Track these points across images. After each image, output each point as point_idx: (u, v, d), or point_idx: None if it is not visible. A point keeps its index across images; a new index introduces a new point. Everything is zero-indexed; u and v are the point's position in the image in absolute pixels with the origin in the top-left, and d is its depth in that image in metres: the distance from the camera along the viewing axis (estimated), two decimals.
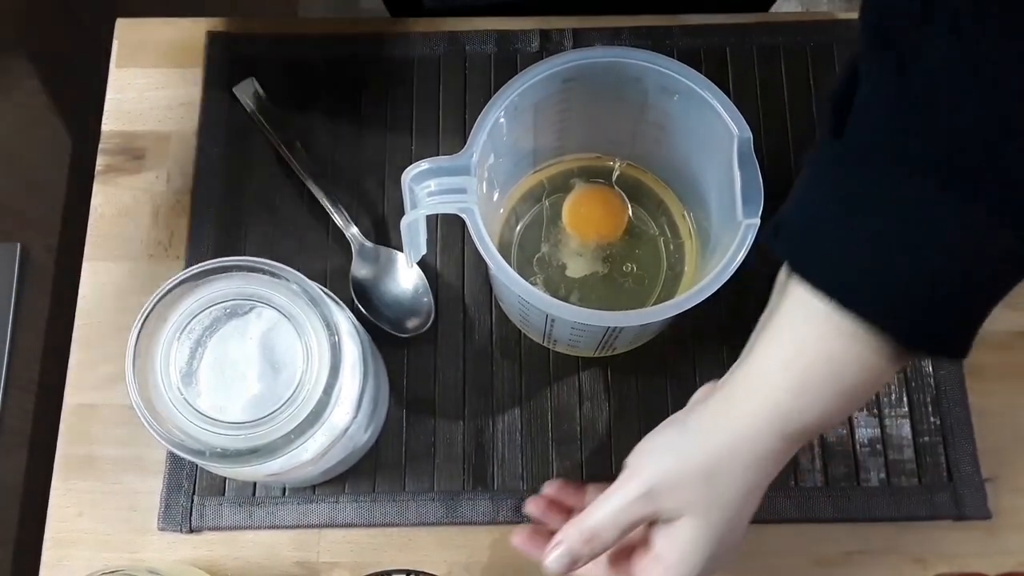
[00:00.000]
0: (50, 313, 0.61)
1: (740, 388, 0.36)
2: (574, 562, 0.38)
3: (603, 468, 0.50)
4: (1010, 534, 0.49)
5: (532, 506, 0.43)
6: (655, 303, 0.51)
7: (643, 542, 0.39)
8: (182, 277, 0.41)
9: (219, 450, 0.39)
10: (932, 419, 0.51)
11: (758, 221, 0.40)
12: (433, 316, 0.52)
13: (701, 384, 0.51)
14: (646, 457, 0.38)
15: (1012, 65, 0.29)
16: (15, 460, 0.58)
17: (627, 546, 0.39)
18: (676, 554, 0.37)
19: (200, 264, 0.41)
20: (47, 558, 0.50)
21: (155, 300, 0.40)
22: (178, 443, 0.39)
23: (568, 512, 0.42)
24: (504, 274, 0.40)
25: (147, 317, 0.40)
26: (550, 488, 0.44)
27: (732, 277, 0.40)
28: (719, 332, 0.52)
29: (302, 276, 0.41)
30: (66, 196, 0.64)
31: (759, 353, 0.36)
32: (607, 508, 0.37)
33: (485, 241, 0.40)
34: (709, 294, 0.40)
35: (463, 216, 0.41)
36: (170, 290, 0.40)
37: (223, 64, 0.57)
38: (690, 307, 0.40)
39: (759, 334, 0.37)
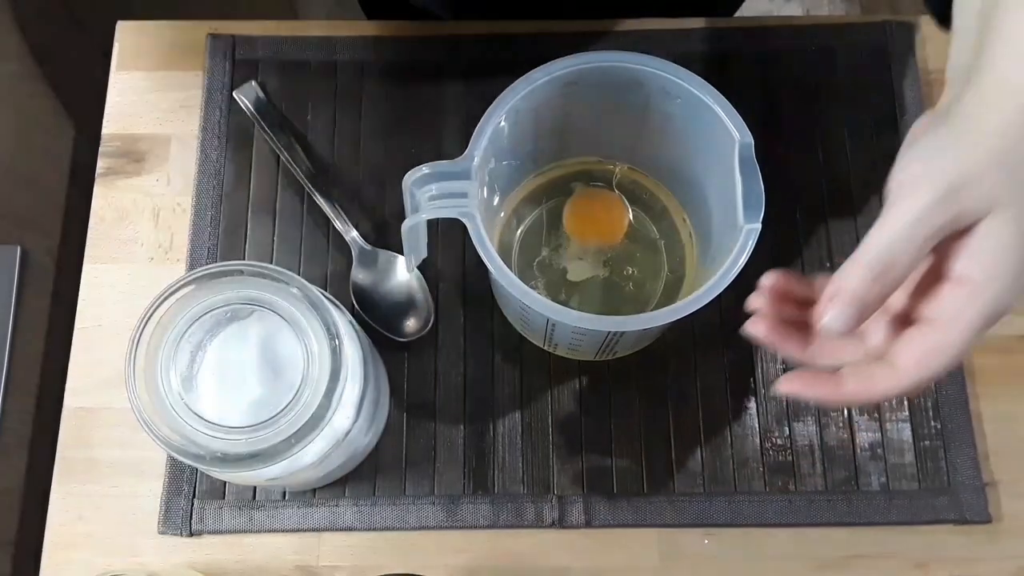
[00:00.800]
0: (50, 316, 0.61)
1: (1006, 63, 0.32)
2: (861, 311, 0.32)
3: (604, 472, 0.50)
4: (1011, 538, 0.49)
5: (757, 300, 0.36)
6: (656, 307, 0.51)
7: (929, 282, 0.33)
8: (182, 281, 0.40)
9: (219, 455, 0.39)
10: (933, 423, 0.50)
11: (759, 226, 0.40)
12: (433, 319, 0.52)
13: (701, 386, 0.51)
14: (925, 162, 0.32)
15: None
16: (15, 463, 0.58)
17: (901, 313, 0.34)
18: (984, 269, 0.31)
19: (200, 268, 0.41)
20: (47, 561, 0.50)
21: (155, 305, 0.40)
22: (178, 448, 0.39)
23: (802, 304, 0.34)
24: (505, 278, 0.40)
25: (147, 321, 0.40)
26: (771, 278, 0.36)
27: (733, 281, 0.40)
28: (720, 336, 0.52)
29: (303, 280, 0.41)
30: (66, 199, 0.64)
31: (1010, 29, 0.32)
32: (898, 224, 0.31)
33: (486, 245, 0.40)
34: (711, 299, 0.40)
35: (464, 220, 0.41)
36: (170, 294, 0.40)
37: (223, 67, 0.57)
38: (691, 312, 0.40)
39: (986, 29, 0.33)
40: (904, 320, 0.34)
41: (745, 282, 0.53)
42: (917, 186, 0.31)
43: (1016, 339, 0.52)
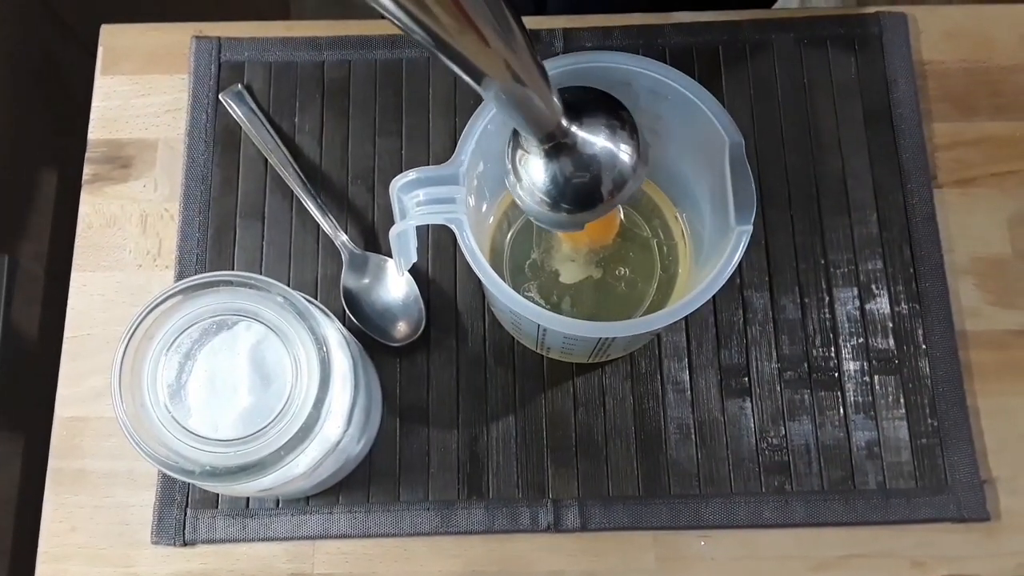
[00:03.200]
0: (40, 323, 0.60)
1: None
2: None
3: (598, 475, 0.50)
4: (1010, 536, 0.49)
5: None
6: (649, 307, 0.50)
7: None
8: (167, 294, 0.40)
9: (208, 468, 0.39)
10: (929, 421, 0.50)
11: (751, 228, 0.39)
12: (425, 323, 0.52)
13: (696, 387, 0.51)
14: None
15: None
16: (9, 473, 0.57)
17: None
18: None
19: (184, 280, 0.40)
20: (41, 572, 0.49)
21: (139, 318, 0.40)
22: (166, 463, 0.38)
23: None
24: (494, 285, 0.40)
25: (131, 335, 0.39)
26: None
27: (727, 280, 0.40)
28: (714, 335, 0.52)
29: (288, 289, 0.41)
30: (55, 206, 0.63)
31: None
32: None
33: (474, 252, 0.40)
34: (703, 302, 0.39)
35: (452, 227, 0.40)
36: (155, 307, 0.40)
37: (209, 69, 0.57)
38: (683, 316, 0.40)
39: None
40: None
41: (739, 281, 0.53)
42: None
43: (1012, 334, 0.52)
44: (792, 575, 0.49)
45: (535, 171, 0.39)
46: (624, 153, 0.39)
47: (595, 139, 0.38)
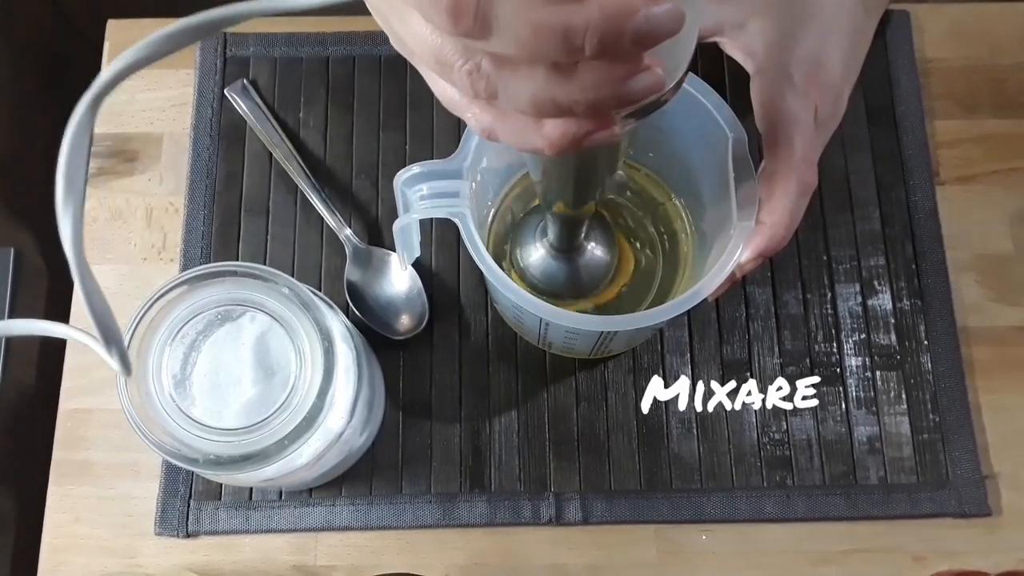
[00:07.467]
0: (46, 316, 0.61)
1: None
2: None
3: (600, 469, 0.50)
4: (1010, 531, 0.49)
5: None
6: (652, 302, 0.50)
7: None
8: (172, 284, 0.40)
9: (212, 457, 0.39)
10: (931, 416, 0.50)
11: (753, 223, 0.39)
12: (428, 317, 0.52)
13: (698, 383, 0.51)
14: None
15: None
16: (12, 464, 0.58)
17: None
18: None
19: (191, 270, 0.41)
20: (44, 564, 0.50)
21: (145, 308, 0.40)
22: (171, 451, 0.39)
23: None
24: (497, 279, 0.40)
25: (137, 325, 0.40)
26: None
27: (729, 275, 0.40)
28: (716, 331, 0.52)
29: (293, 280, 0.41)
30: None
31: None
32: None
33: (477, 246, 0.40)
34: (703, 298, 0.39)
35: (455, 220, 0.40)
36: (160, 296, 0.40)
37: (215, 64, 0.57)
38: (684, 311, 0.40)
39: None
40: None
41: (742, 277, 0.53)
42: None
43: (1014, 331, 0.52)
44: (793, 569, 0.49)
45: (535, 260, 0.48)
46: (607, 255, 0.48)
47: (592, 249, 0.47)
